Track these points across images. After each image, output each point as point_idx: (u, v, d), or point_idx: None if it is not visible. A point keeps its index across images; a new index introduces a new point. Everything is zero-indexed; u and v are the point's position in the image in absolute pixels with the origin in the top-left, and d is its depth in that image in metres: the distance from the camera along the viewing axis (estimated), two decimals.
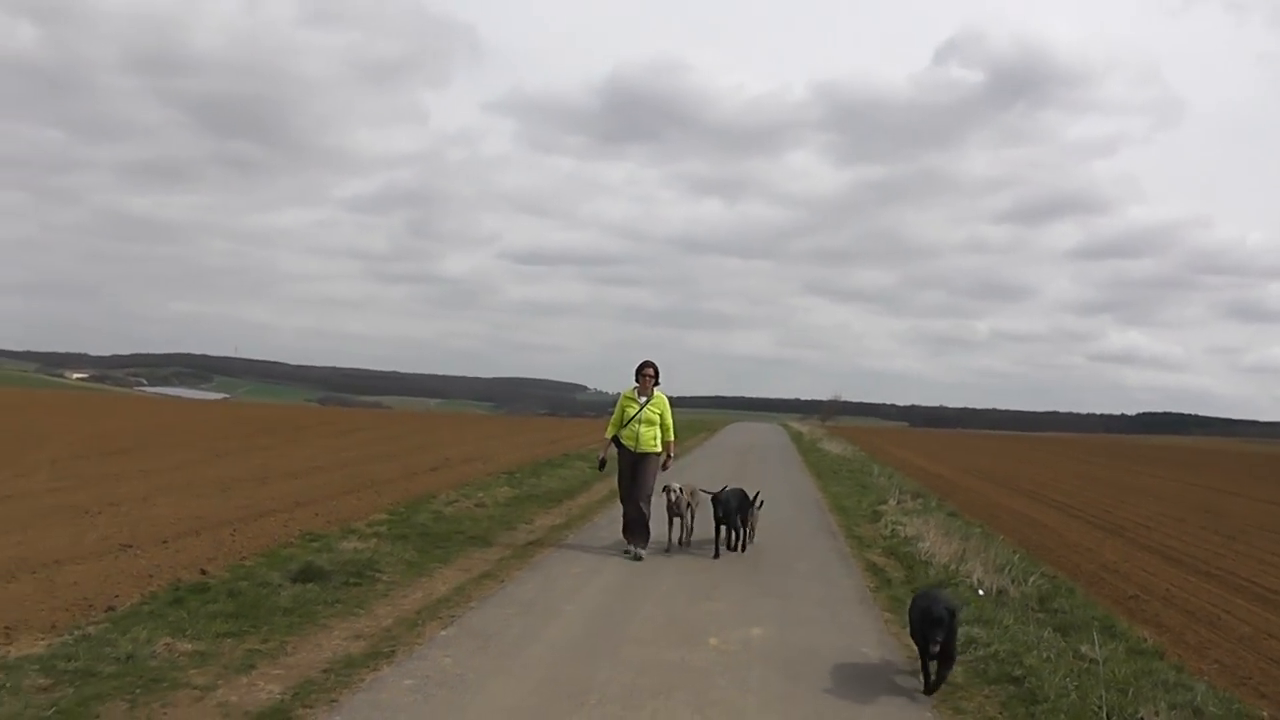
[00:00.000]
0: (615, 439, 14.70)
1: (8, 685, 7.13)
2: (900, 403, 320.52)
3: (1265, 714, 9.03)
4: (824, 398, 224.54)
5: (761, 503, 16.42)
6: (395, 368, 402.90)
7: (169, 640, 8.48)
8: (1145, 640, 11.41)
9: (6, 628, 8.83)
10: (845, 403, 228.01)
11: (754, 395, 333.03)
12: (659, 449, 14.66)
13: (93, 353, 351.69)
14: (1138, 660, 10.22)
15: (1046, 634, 10.88)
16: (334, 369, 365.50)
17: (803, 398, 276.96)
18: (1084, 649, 10.06)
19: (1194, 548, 21.30)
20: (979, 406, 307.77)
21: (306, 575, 11.22)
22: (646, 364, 14.76)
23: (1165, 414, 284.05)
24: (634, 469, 14.52)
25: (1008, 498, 31.58)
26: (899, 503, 23.14)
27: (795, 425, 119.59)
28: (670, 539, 15.14)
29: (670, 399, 15.03)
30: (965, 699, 8.49)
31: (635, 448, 14.49)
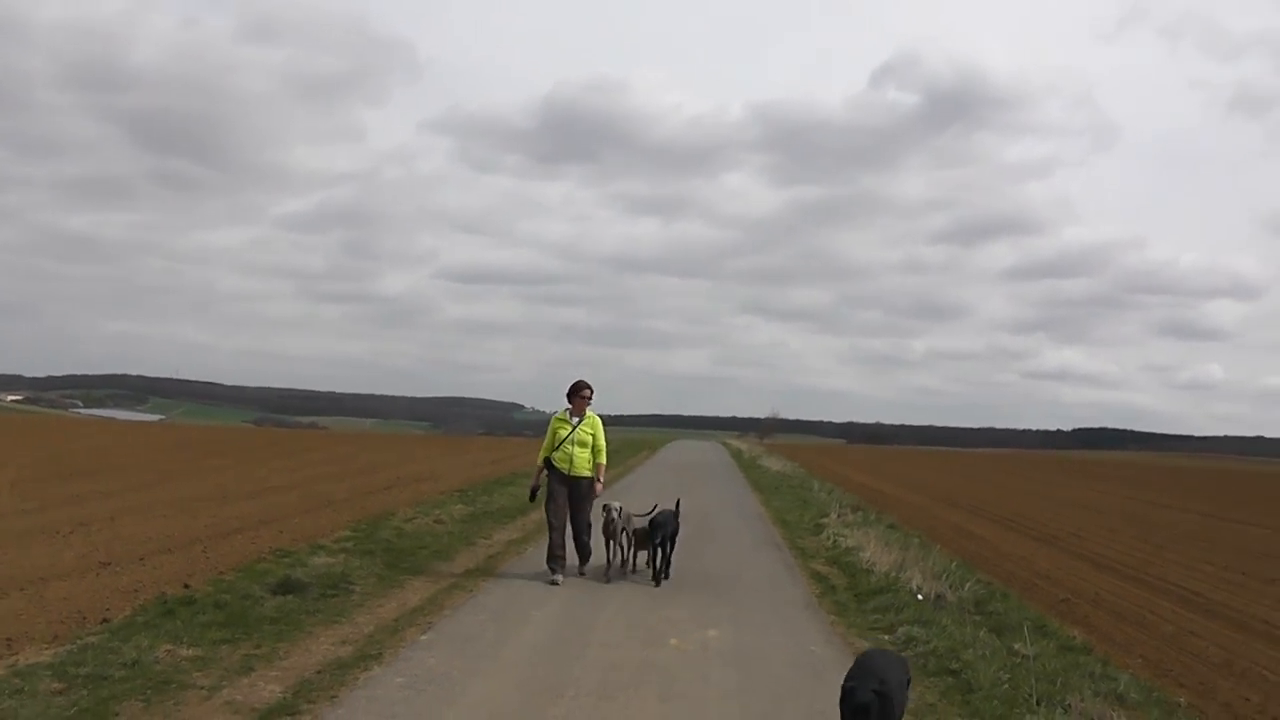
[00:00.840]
0: (547, 463, 14.12)
1: (25, 689, 7.69)
2: (837, 420, 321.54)
3: (1182, 700, 9.91)
4: (762, 415, 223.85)
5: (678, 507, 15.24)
6: (332, 388, 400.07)
7: (170, 647, 9.11)
8: (1075, 638, 12.28)
9: (9, 639, 9.38)
10: (783, 420, 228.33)
11: (693, 413, 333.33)
12: (590, 472, 14.10)
13: (27, 374, 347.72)
14: (1067, 656, 11.04)
15: (982, 634, 11.57)
16: (270, 389, 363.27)
17: (741, 415, 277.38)
18: (1017, 646, 10.82)
19: (1124, 555, 22.35)
20: (916, 424, 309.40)
21: (285, 588, 11.83)
22: (581, 384, 14.21)
23: (1101, 429, 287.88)
24: (569, 494, 13.96)
25: (945, 511, 32.59)
26: (839, 516, 23.95)
27: (734, 443, 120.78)
28: (610, 564, 14.39)
29: (608, 418, 15.36)
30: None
31: (569, 471, 13.91)
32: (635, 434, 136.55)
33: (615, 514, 14.30)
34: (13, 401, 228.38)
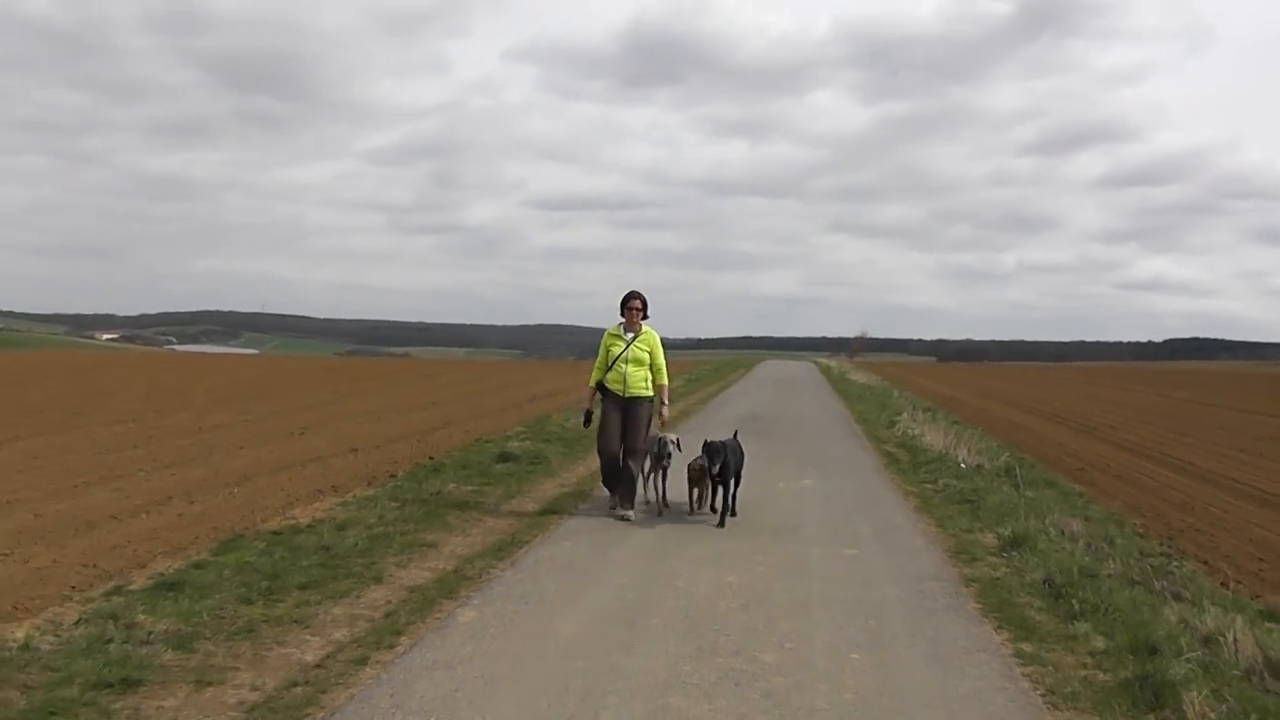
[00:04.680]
0: (600, 385, 12.94)
1: (375, 508, 12.46)
2: (927, 337, 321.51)
3: (1137, 522, 14.29)
4: (851, 335, 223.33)
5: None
6: (422, 318, 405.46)
7: (454, 484, 14.11)
8: (1075, 489, 16.76)
9: (334, 486, 14.24)
10: (872, 339, 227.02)
11: (782, 335, 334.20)
12: (650, 392, 12.83)
13: (120, 313, 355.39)
14: (1063, 499, 15.39)
15: (1004, 487, 15.92)
16: (361, 321, 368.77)
17: (830, 335, 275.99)
18: (1027, 494, 15.26)
19: (1146, 440, 26.84)
20: (1006, 339, 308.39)
21: (504, 458, 16.65)
22: (633, 294, 12.84)
23: (1193, 339, 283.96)
24: (624, 417, 12.69)
25: (1007, 412, 37.20)
26: (911, 415, 28.39)
27: (824, 361, 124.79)
28: (657, 497, 13.05)
29: (697, 341, 18.10)
30: (936, 508, 13.82)
31: (624, 392, 12.65)
32: (726, 356, 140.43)
33: (671, 445, 12.91)
34: (108, 339, 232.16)
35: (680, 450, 13.00)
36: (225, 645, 7.11)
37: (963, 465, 17.95)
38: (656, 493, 13.02)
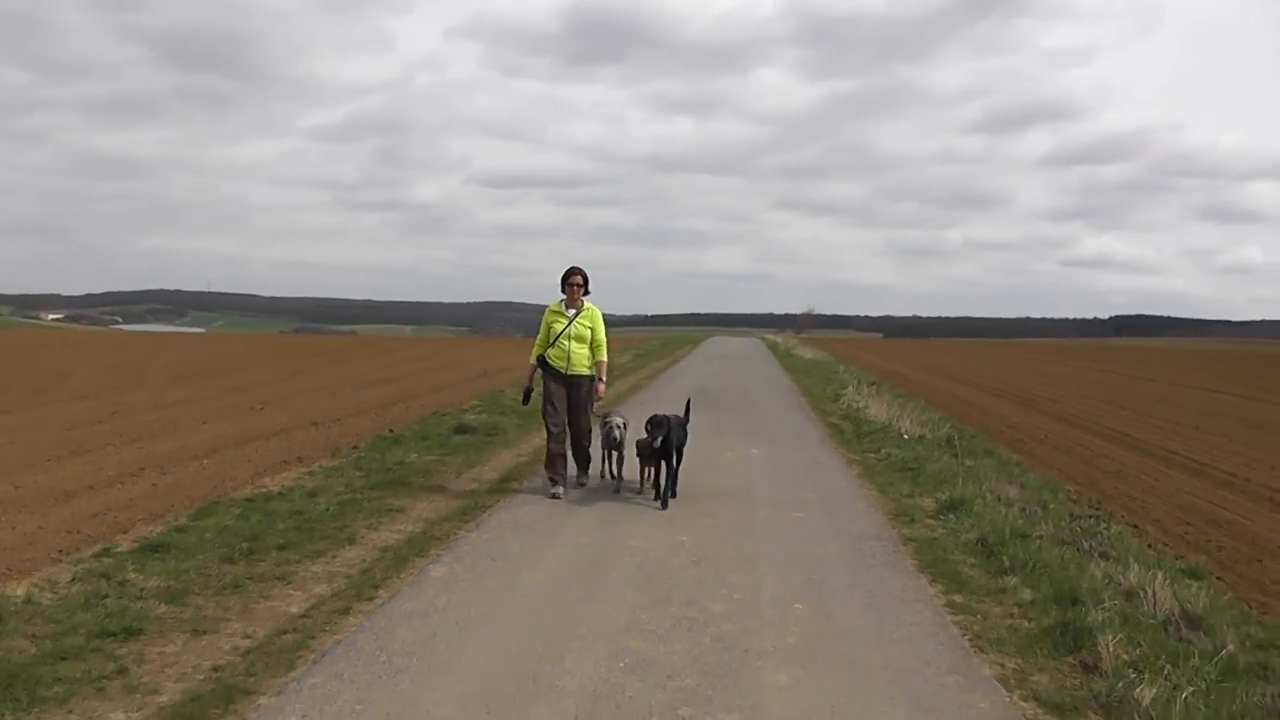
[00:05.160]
0: (541, 361, 12.68)
1: (340, 476, 13.01)
2: (874, 314, 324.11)
3: (1072, 489, 14.94)
4: (798, 312, 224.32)
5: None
6: (369, 296, 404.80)
7: (415, 455, 14.65)
8: (1013, 458, 17.44)
9: (299, 457, 14.72)
10: (819, 315, 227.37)
11: (729, 311, 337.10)
12: (592, 370, 12.66)
13: (65, 293, 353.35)
14: (1001, 468, 16.04)
15: (944, 456, 16.57)
16: (308, 299, 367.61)
17: (777, 312, 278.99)
18: (966, 462, 15.92)
19: (1085, 413, 27.70)
20: (953, 315, 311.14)
21: (461, 430, 17.23)
22: (573, 270, 12.58)
23: (1139, 316, 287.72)
24: (567, 395, 12.58)
25: (948, 385, 38.09)
26: (856, 389, 29.09)
27: (771, 337, 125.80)
28: (608, 475, 12.95)
29: (645, 318, 18.53)
30: (878, 475, 14.47)
31: (566, 369, 12.46)
32: (674, 332, 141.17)
33: (620, 429, 12.67)
34: (54, 320, 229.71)
35: (625, 430, 12.69)
36: (214, 600, 7.67)
37: (905, 436, 18.58)
38: (610, 473, 12.88)
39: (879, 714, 5.78)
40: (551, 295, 12.81)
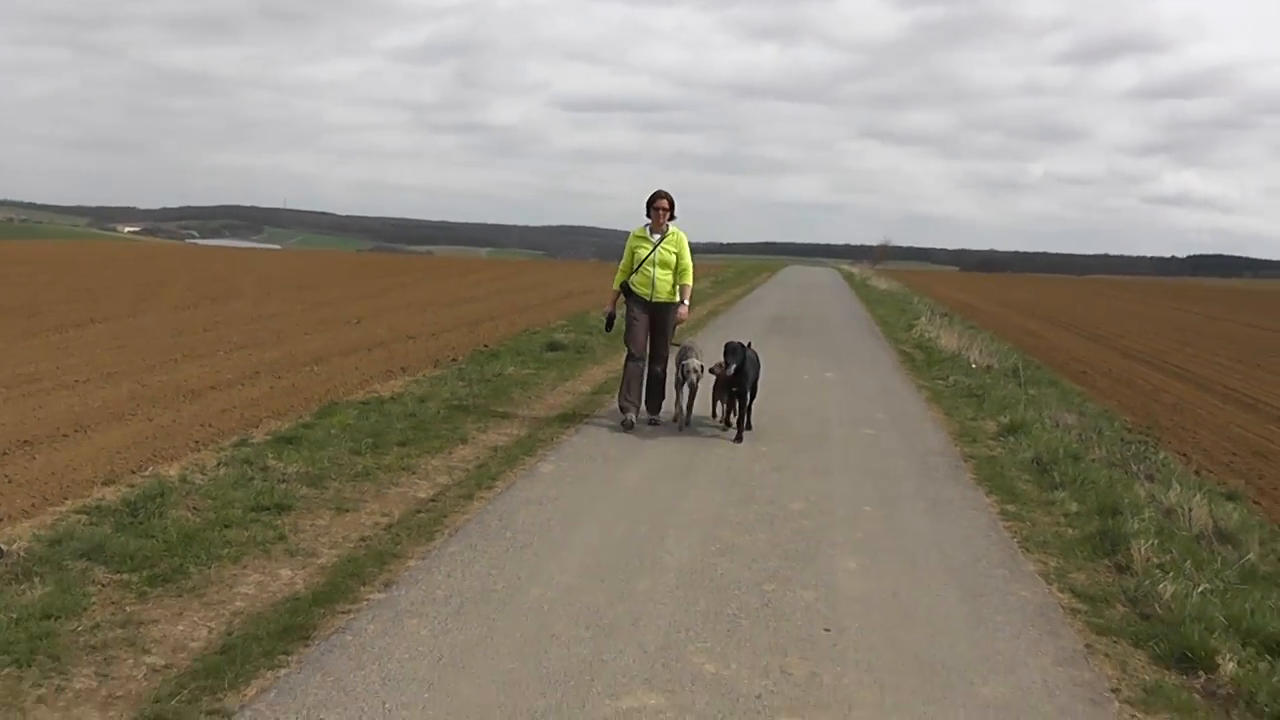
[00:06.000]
0: (624, 288, 12.22)
1: (446, 384, 14.04)
2: (951, 247, 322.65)
3: (1128, 420, 15.73)
4: (875, 243, 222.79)
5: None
6: (445, 217, 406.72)
7: (513, 369, 15.65)
8: (1075, 389, 18.24)
9: (402, 367, 15.72)
10: (895, 247, 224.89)
11: (805, 241, 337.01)
12: (677, 297, 12.09)
13: (141, 206, 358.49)
14: (1064, 397, 16.86)
15: (1009, 385, 17.38)
16: (383, 219, 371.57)
17: (853, 243, 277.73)
18: (1030, 391, 16.73)
19: (1150, 348, 28.38)
20: (1030, 250, 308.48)
21: (552, 347, 18.25)
22: (659, 194, 11.99)
23: (1217, 256, 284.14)
24: (651, 322, 12.11)
25: (1021, 319, 38.68)
26: (929, 320, 29.87)
27: (846, 268, 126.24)
28: (681, 411, 12.16)
29: (721, 245, 18.23)
30: (945, 400, 15.32)
31: (651, 296, 11.95)
32: (750, 261, 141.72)
33: (694, 373, 11.94)
34: (130, 233, 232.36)
35: (701, 373, 11.96)
36: (350, 484, 8.72)
37: (973, 365, 19.36)
38: (680, 409, 12.12)
39: (933, 595, 6.70)
40: (628, 221, 12.45)
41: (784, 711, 4.95)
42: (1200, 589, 6.78)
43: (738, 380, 11.51)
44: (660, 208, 11.88)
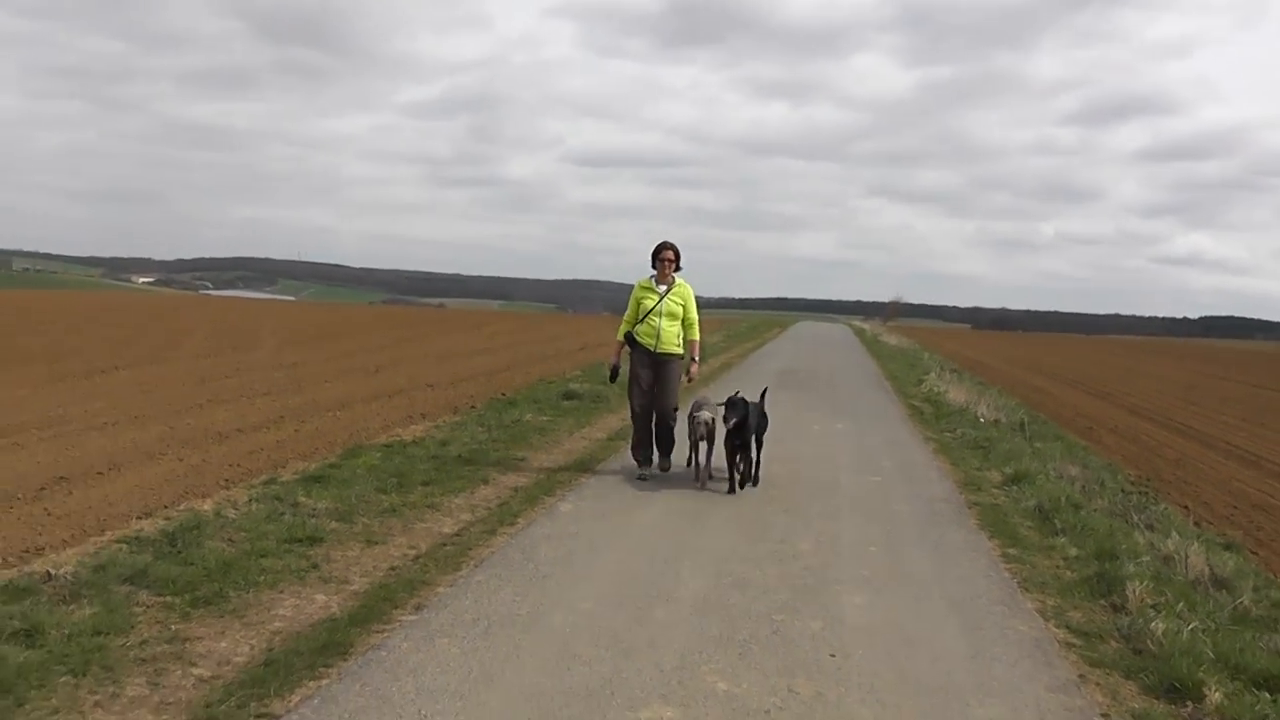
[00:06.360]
0: (629, 338, 12.17)
1: (465, 430, 14.43)
2: (963, 305, 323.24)
3: (1131, 473, 16.02)
4: (886, 299, 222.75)
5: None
6: (457, 270, 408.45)
7: (531, 416, 16.04)
8: (1080, 443, 18.54)
9: (423, 413, 16.14)
10: (907, 304, 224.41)
11: (816, 297, 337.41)
12: (682, 349, 12.03)
13: (156, 257, 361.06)
14: (1068, 451, 17.18)
15: (1016, 438, 17.70)
16: (396, 271, 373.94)
17: (865, 299, 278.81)
18: (1036, 444, 17.07)
19: (1156, 407, 28.67)
20: (1042, 309, 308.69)
21: (568, 396, 18.63)
22: (665, 245, 11.97)
23: (1229, 318, 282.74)
24: (655, 375, 11.95)
25: (1030, 377, 39.00)
26: (939, 376, 30.22)
27: (858, 324, 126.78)
28: (698, 467, 11.80)
29: (732, 300, 18.39)
30: (952, 451, 15.64)
31: (656, 347, 11.85)
32: (761, 316, 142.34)
33: (704, 425, 11.53)
34: (144, 283, 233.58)
35: (715, 425, 11.60)
36: (378, 520, 9.13)
37: (981, 419, 19.65)
38: (697, 465, 11.78)
39: (935, 627, 7.04)
40: (639, 274, 12.33)
41: None
42: (1191, 627, 7.10)
43: (740, 434, 11.29)
44: (666, 259, 11.87)
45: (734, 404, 11.24)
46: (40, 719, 4.92)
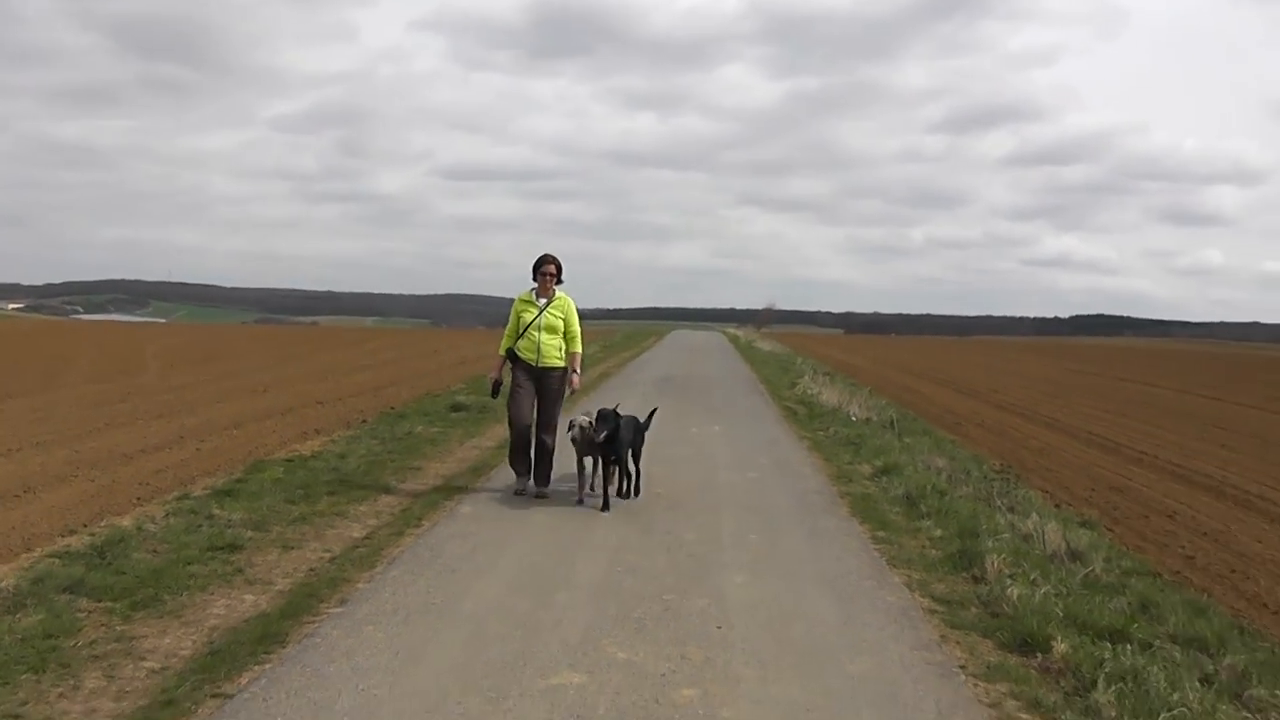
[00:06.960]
0: (510, 353, 11.99)
1: (355, 444, 14.97)
2: (835, 310, 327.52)
3: (996, 463, 16.94)
4: (759, 306, 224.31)
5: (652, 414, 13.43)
6: (330, 287, 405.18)
7: (422, 428, 16.63)
8: (948, 438, 19.51)
9: (317, 430, 16.63)
10: (780, 311, 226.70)
11: (690, 305, 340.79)
12: (564, 363, 11.86)
13: (25, 282, 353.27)
14: (938, 445, 18.08)
15: (886, 434, 18.61)
16: (269, 290, 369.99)
17: (739, 307, 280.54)
18: (905, 439, 17.96)
19: (1022, 402, 30.00)
20: (914, 312, 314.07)
21: (456, 408, 19.26)
22: (546, 258, 11.86)
23: (1099, 316, 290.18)
24: (536, 389, 11.84)
25: (902, 377, 40.34)
26: (812, 379, 31.25)
27: (732, 331, 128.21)
28: (585, 485, 11.56)
29: (607, 311, 18.41)
30: (825, 448, 16.52)
31: (536, 361, 11.71)
32: (636, 326, 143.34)
33: (584, 428, 11.21)
34: (13, 309, 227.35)
35: (590, 428, 11.16)
36: (291, 527, 9.72)
37: (853, 418, 20.58)
38: (583, 478, 11.53)
39: (810, 601, 7.84)
40: (513, 288, 12.27)
41: (685, 685, 6.03)
42: (1044, 591, 8.00)
43: (611, 448, 11.17)
44: (547, 273, 11.71)
45: (604, 416, 11.04)
46: (11, 710, 5.47)
